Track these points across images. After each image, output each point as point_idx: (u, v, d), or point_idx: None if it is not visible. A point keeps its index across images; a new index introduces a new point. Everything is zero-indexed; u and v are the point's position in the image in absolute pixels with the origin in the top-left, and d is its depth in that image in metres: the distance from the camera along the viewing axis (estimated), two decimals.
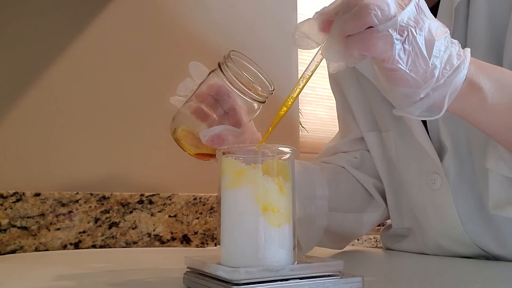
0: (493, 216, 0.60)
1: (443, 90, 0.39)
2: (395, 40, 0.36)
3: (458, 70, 0.39)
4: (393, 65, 0.37)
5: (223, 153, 0.42)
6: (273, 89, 0.51)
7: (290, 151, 0.42)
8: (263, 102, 0.51)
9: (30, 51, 0.92)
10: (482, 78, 0.41)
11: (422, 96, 0.39)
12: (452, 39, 0.40)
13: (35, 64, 0.92)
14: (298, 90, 0.44)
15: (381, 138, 0.72)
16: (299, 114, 1.84)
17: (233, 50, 0.50)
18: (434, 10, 0.60)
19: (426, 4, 0.39)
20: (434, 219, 0.65)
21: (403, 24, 0.37)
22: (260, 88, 0.50)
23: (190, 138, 0.53)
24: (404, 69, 0.37)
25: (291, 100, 0.44)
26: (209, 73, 0.53)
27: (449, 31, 0.40)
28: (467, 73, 0.39)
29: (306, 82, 0.44)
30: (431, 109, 0.40)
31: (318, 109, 2.54)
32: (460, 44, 0.41)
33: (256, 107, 0.52)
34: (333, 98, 0.83)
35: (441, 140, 0.62)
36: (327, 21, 0.40)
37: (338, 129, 0.84)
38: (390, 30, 0.36)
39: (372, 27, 0.37)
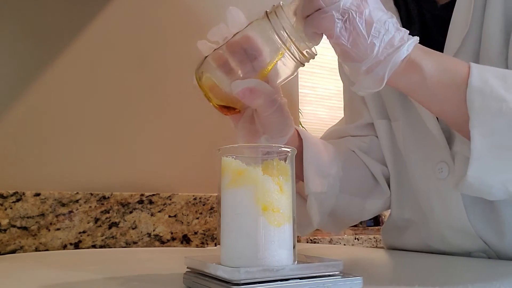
0: (497, 207, 0.60)
1: (385, 66, 0.46)
2: (337, 19, 0.44)
3: (398, 50, 0.45)
4: (336, 40, 0.45)
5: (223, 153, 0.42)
6: (316, 54, 0.49)
7: (290, 151, 0.42)
8: (303, 65, 0.49)
9: (30, 51, 0.92)
10: (425, 60, 0.48)
11: (364, 68, 0.46)
12: (401, 28, 0.47)
13: (35, 64, 0.92)
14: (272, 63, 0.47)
15: (390, 127, 0.72)
16: (299, 114, 1.84)
17: (282, 3, 0.48)
18: (451, 5, 0.62)
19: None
20: (439, 208, 0.65)
21: (345, 8, 0.44)
22: (306, 46, 0.47)
23: (214, 88, 0.50)
24: (346, 44, 0.45)
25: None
26: (248, 24, 0.49)
27: (394, 20, 0.46)
28: (409, 54, 0.46)
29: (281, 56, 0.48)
30: (376, 82, 0.47)
31: (318, 109, 2.54)
32: (407, 33, 0.47)
33: (292, 68, 0.49)
34: (333, 98, 0.84)
35: (450, 129, 0.62)
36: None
37: (323, 133, 0.84)
38: (333, 12, 0.44)
39: (321, 9, 0.44)
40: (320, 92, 2.47)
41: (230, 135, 1.07)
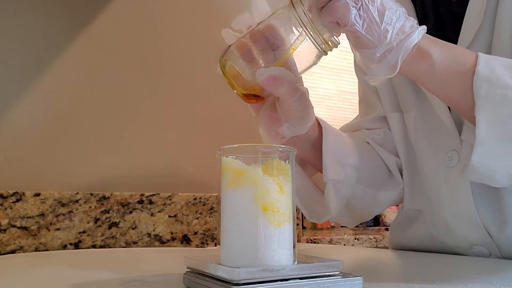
0: (503, 196, 0.60)
1: (397, 52, 0.47)
2: (351, 7, 0.46)
3: (409, 36, 0.47)
4: (351, 28, 0.46)
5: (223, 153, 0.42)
6: (339, 43, 0.50)
7: (290, 151, 0.42)
8: (326, 53, 0.49)
9: (30, 51, 0.92)
10: (433, 48, 0.50)
11: (378, 55, 0.47)
12: (409, 17, 0.48)
13: (35, 64, 0.92)
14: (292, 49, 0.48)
15: (402, 119, 0.74)
16: None
17: None
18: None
19: None
20: (446, 195, 0.66)
21: None
22: (330, 35, 0.48)
23: (238, 77, 0.51)
24: (361, 31, 0.46)
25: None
26: (272, 13, 0.50)
27: (404, 10, 0.48)
28: (419, 41, 0.48)
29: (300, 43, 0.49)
30: (390, 68, 0.48)
31: (318, 109, 2.54)
32: (416, 21, 0.49)
33: (315, 57, 0.50)
34: (333, 98, 0.84)
35: (461, 118, 0.63)
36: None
37: (338, 128, 0.84)
38: (348, 0, 0.45)
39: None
40: (320, 92, 2.47)
41: (230, 135, 1.07)
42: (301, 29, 0.48)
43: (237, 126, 1.09)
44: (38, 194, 0.86)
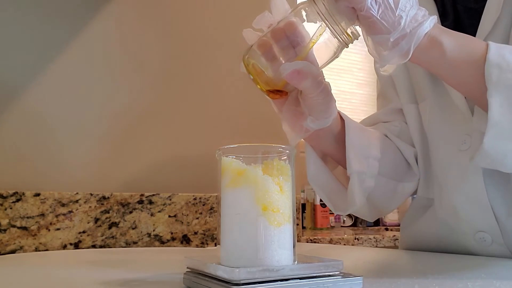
0: None
1: (410, 39, 0.49)
2: None
3: (422, 24, 0.49)
4: (367, 12, 0.48)
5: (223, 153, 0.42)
6: (360, 35, 0.51)
7: (290, 151, 0.42)
8: (347, 46, 0.50)
9: (30, 51, 0.92)
10: (444, 37, 0.51)
11: (392, 40, 0.48)
12: (421, 7, 0.50)
13: (35, 64, 0.92)
14: (311, 43, 0.50)
15: (418, 110, 0.75)
16: None
17: None
18: None
19: None
20: (458, 179, 0.66)
21: None
22: (352, 28, 0.49)
23: (261, 74, 0.52)
24: (376, 15, 0.48)
25: (312, 43, 0.50)
26: (292, 10, 0.51)
27: (416, 1, 0.49)
28: (430, 30, 0.49)
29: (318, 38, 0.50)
30: (402, 54, 0.50)
31: None
32: (427, 11, 0.50)
33: (336, 50, 0.51)
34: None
35: (473, 106, 0.64)
36: None
37: None
38: None
39: None
40: None
41: (230, 135, 1.07)
42: (321, 22, 0.49)
43: (237, 126, 1.09)
44: (38, 194, 0.86)
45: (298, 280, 0.38)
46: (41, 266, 0.65)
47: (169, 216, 0.95)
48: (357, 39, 0.51)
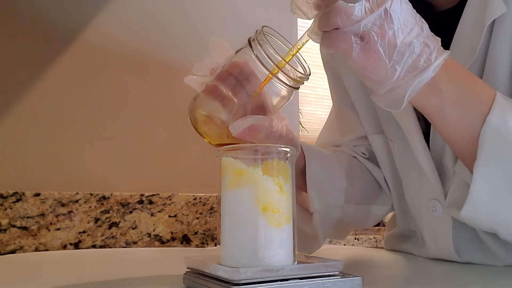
0: (490, 245, 0.58)
1: (405, 88, 0.42)
2: (354, 44, 0.40)
3: (421, 74, 0.42)
4: (354, 64, 0.42)
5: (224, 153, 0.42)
6: (310, 73, 0.46)
7: (290, 151, 0.42)
8: (297, 88, 0.46)
9: (30, 51, 0.92)
10: (448, 85, 0.44)
11: (382, 92, 0.43)
12: (429, 43, 0.42)
13: (35, 64, 0.92)
14: (290, 56, 0.46)
15: (386, 142, 0.69)
16: (299, 114, 1.84)
17: (266, 26, 0.46)
18: (453, 13, 0.58)
19: (404, 8, 0.41)
20: (430, 242, 0.65)
21: (366, 30, 0.40)
22: (296, 71, 0.45)
23: (210, 124, 0.48)
24: (364, 68, 0.42)
25: (277, 68, 0.45)
26: (236, 52, 0.48)
27: (425, 28, 0.43)
28: (432, 76, 0.42)
29: (297, 50, 0.46)
30: (394, 103, 0.44)
31: (318, 109, 2.54)
32: (437, 49, 0.43)
33: (286, 93, 0.46)
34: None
35: (444, 164, 0.59)
36: (317, 4, 0.44)
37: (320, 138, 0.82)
38: (352, 34, 0.40)
39: (337, 28, 0.41)
40: (320, 92, 2.47)
41: None
42: (264, 70, 0.44)
43: None
44: (38, 194, 0.86)
45: (298, 280, 0.38)
46: (41, 266, 0.65)
47: (169, 216, 0.95)
48: (308, 79, 0.46)
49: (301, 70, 0.47)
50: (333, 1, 0.40)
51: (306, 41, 0.46)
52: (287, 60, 0.44)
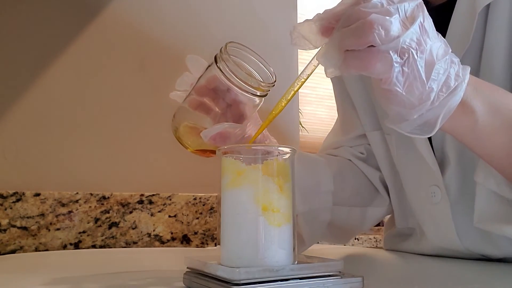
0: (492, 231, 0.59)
1: (437, 110, 0.38)
2: (395, 63, 0.36)
3: (454, 93, 0.38)
4: (390, 86, 0.37)
5: (224, 153, 0.42)
6: (275, 81, 0.47)
7: (290, 151, 0.42)
8: (264, 96, 0.48)
9: (30, 51, 0.92)
10: (476, 101, 0.41)
11: (415, 117, 0.39)
12: (453, 58, 0.40)
13: (35, 64, 0.92)
14: (292, 92, 0.44)
15: (384, 138, 0.70)
16: (299, 114, 1.84)
17: (230, 42, 0.48)
18: (446, 7, 0.58)
19: (431, 22, 0.39)
20: (431, 231, 0.65)
21: (405, 46, 0.36)
22: (259, 82, 0.46)
23: (194, 133, 0.51)
24: (401, 91, 0.37)
25: (285, 102, 0.44)
26: (207, 67, 0.50)
27: (450, 50, 0.39)
28: (462, 95, 0.39)
29: (301, 85, 0.44)
30: (423, 128, 0.40)
31: (318, 109, 2.54)
32: (460, 63, 0.40)
33: (257, 101, 0.49)
34: (333, 98, 0.82)
35: (444, 151, 0.60)
36: (327, 27, 0.40)
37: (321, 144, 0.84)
38: (391, 52, 0.36)
39: (373, 45, 0.36)
40: (320, 92, 2.47)
41: None
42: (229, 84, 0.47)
43: None
44: (38, 194, 0.86)
45: (298, 280, 0.38)
46: (41, 266, 0.65)
47: (169, 216, 0.95)
48: (274, 86, 0.47)
49: (266, 77, 0.49)
50: (361, 15, 0.36)
51: (312, 71, 0.43)
52: (289, 98, 0.45)
